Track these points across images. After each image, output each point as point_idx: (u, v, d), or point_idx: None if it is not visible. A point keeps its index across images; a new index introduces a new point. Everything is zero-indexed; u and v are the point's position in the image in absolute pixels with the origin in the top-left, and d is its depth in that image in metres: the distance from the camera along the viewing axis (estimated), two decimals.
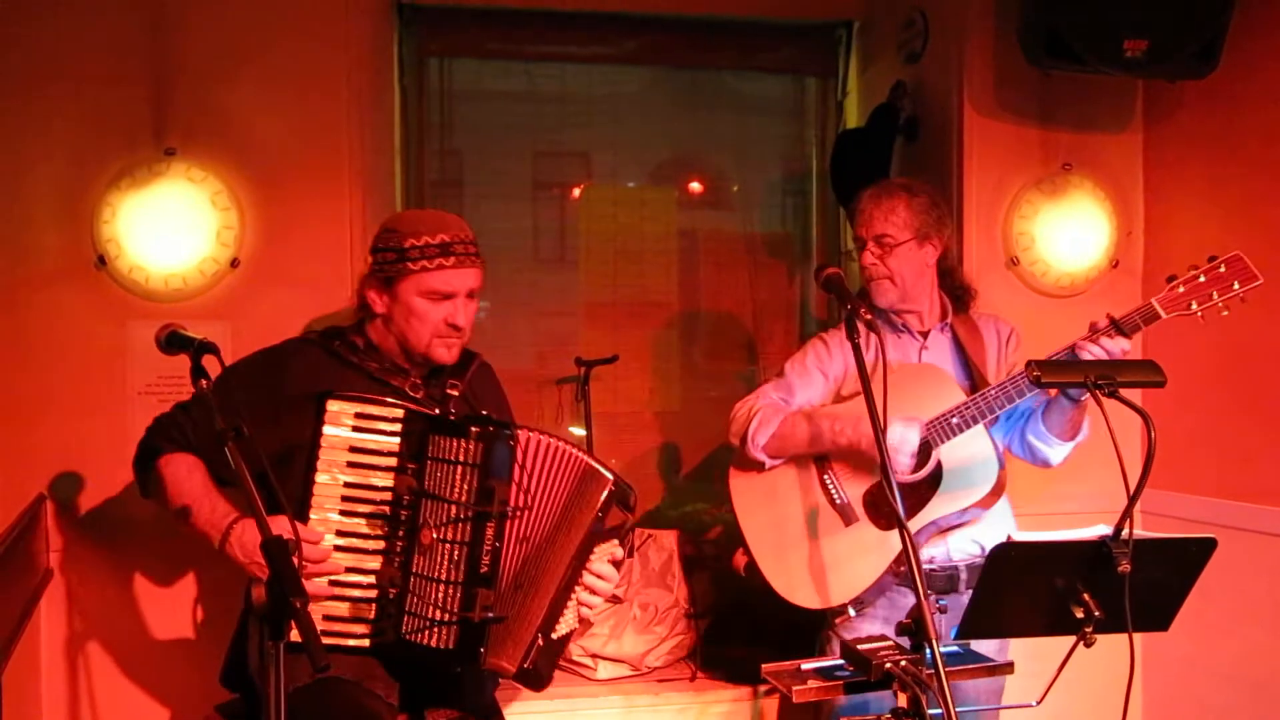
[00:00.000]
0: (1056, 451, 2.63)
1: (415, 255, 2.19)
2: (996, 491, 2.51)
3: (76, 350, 2.87)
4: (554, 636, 2.18)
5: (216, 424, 1.78)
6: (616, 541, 2.27)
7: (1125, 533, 1.86)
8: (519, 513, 2.10)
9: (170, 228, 2.87)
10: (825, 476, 2.62)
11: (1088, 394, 2.36)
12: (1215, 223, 3.11)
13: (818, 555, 2.58)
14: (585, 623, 2.26)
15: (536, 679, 2.19)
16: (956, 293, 2.74)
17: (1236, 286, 2.36)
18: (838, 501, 2.59)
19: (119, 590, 2.90)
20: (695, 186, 4.12)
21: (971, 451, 2.52)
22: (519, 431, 2.12)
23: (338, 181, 2.99)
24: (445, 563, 2.05)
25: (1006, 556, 1.89)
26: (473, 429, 2.06)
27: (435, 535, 2.05)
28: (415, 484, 2.06)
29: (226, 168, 2.92)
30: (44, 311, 2.86)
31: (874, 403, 2.05)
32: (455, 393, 2.32)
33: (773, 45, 4.00)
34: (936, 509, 2.49)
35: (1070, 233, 3.27)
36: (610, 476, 2.20)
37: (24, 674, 2.72)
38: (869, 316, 2.12)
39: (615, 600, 3.26)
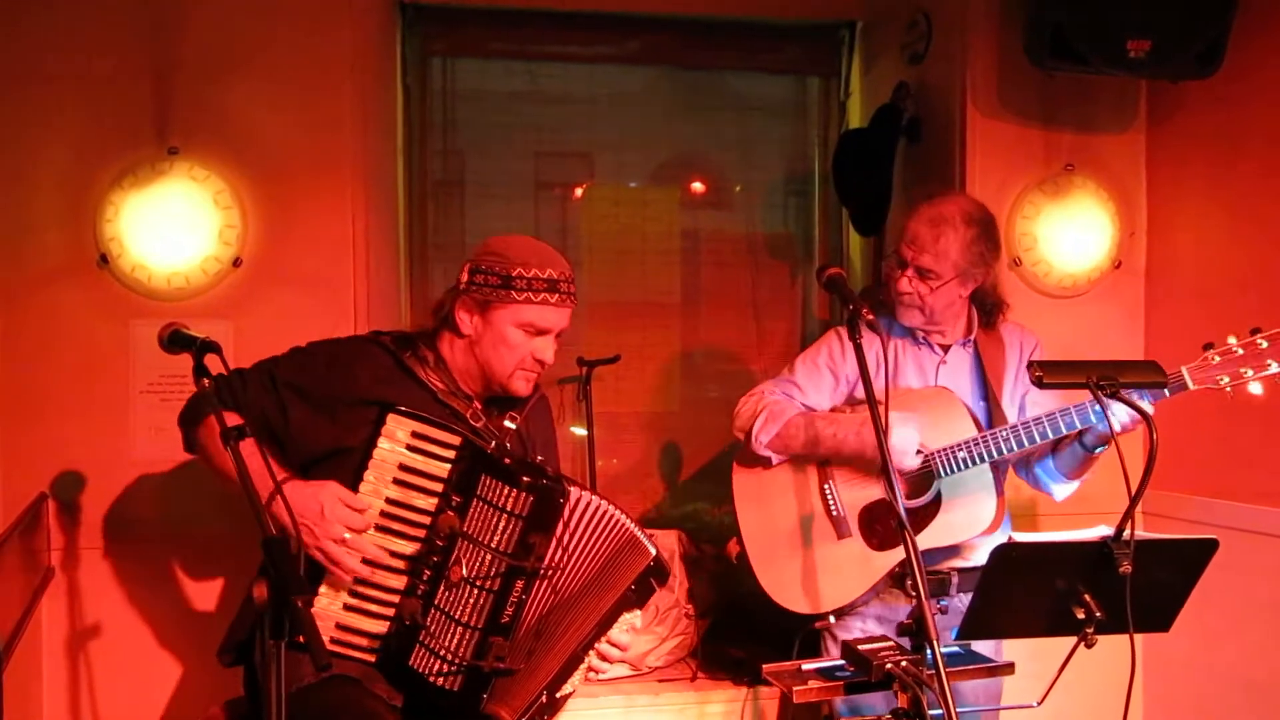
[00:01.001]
0: (1061, 489, 2.60)
1: (521, 286, 2.14)
2: (992, 529, 2.49)
3: (79, 349, 2.87)
4: (557, 695, 2.15)
5: (224, 423, 1.77)
6: (639, 611, 2.22)
7: (1126, 533, 1.86)
8: (553, 572, 2.05)
9: (173, 226, 2.87)
10: (825, 485, 2.60)
11: (1104, 449, 2.33)
12: (1218, 223, 3.11)
13: (806, 561, 2.58)
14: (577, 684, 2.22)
15: None
16: (987, 308, 2.64)
17: (1273, 365, 2.17)
18: (834, 513, 2.58)
19: (120, 589, 2.90)
20: (697, 187, 4.12)
21: (972, 489, 2.48)
22: (570, 488, 2.07)
23: (340, 180, 2.99)
24: (469, 606, 2.02)
25: (1008, 557, 1.88)
26: (525, 479, 2.00)
27: (465, 575, 2.01)
28: (457, 521, 2.02)
29: (229, 167, 2.92)
30: (46, 310, 2.86)
31: (875, 405, 2.04)
32: (513, 426, 2.26)
33: (775, 45, 4.00)
34: (929, 540, 2.46)
35: (1073, 233, 3.27)
36: (653, 552, 2.16)
37: (25, 672, 2.72)
38: (871, 317, 2.11)
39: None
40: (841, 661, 1.95)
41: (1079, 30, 2.85)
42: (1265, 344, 2.19)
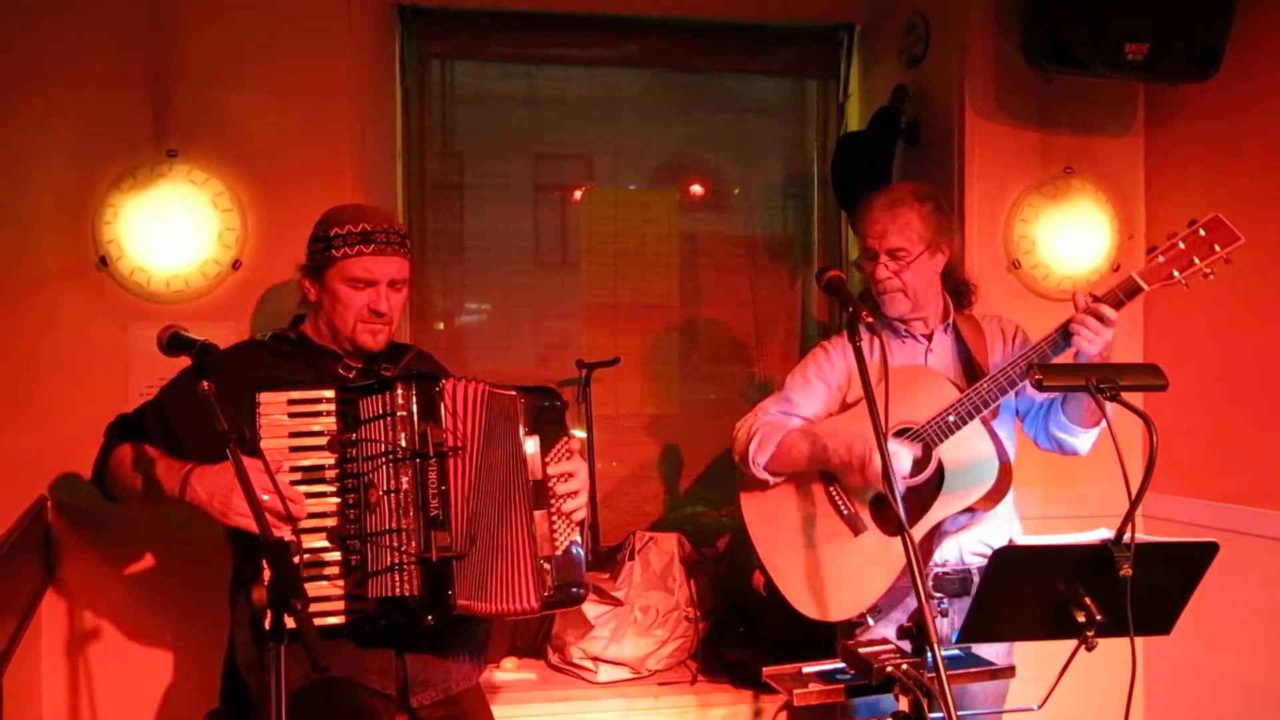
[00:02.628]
0: (1083, 440, 2.60)
1: (339, 243, 2.26)
2: (999, 489, 2.50)
3: (78, 352, 2.87)
4: (558, 554, 2.19)
5: (219, 425, 1.79)
6: (564, 439, 2.28)
7: (1127, 536, 1.86)
8: (457, 452, 2.13)
9: (172, 229, 2.88)
10: (831, 489, 2.60)
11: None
12: None
13: (831, 568, 2.56)
14: (581, 525, 2.27)
15: (568, 598, 2.21)
16: (958, 289, 2.72)
17: (1218, 249, 2.28)
18: (844, 512, 2.58)
19: (119, 591, 2.90)
20: (696, 189, 4.12)
21: (972, 450, 2.51)
22: (443, 379, 2.18)
23: (339, 183, 2.99)
24: (395, 513, 2.09)
25: (1008, 560, 1.88)
26: (399, 384, 2.13)
27: (382, 490, 2.09)
28: (352, 441, 2.12)
29: (228, 169, 2.92)
30: (45, 313, 2.86)
31: (875, 406, 2.04)
32: (388, 374, 2.33)
33: (774, 48, 4.01)
34: (941, 510, 2.48)
35: (1071, 236, 3.27)
36: (512, 392, 2.23)
37: (25, 675, 2.72)
38: (870, 319, 2.12)
39: (616, 603, 3.27)
40: (842, 664, 1.95)
41: (1076, 33, 2.86)
42: (1204, 231, 2.28)
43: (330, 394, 2.15)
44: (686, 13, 3.85)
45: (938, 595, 2.53)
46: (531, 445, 2.22)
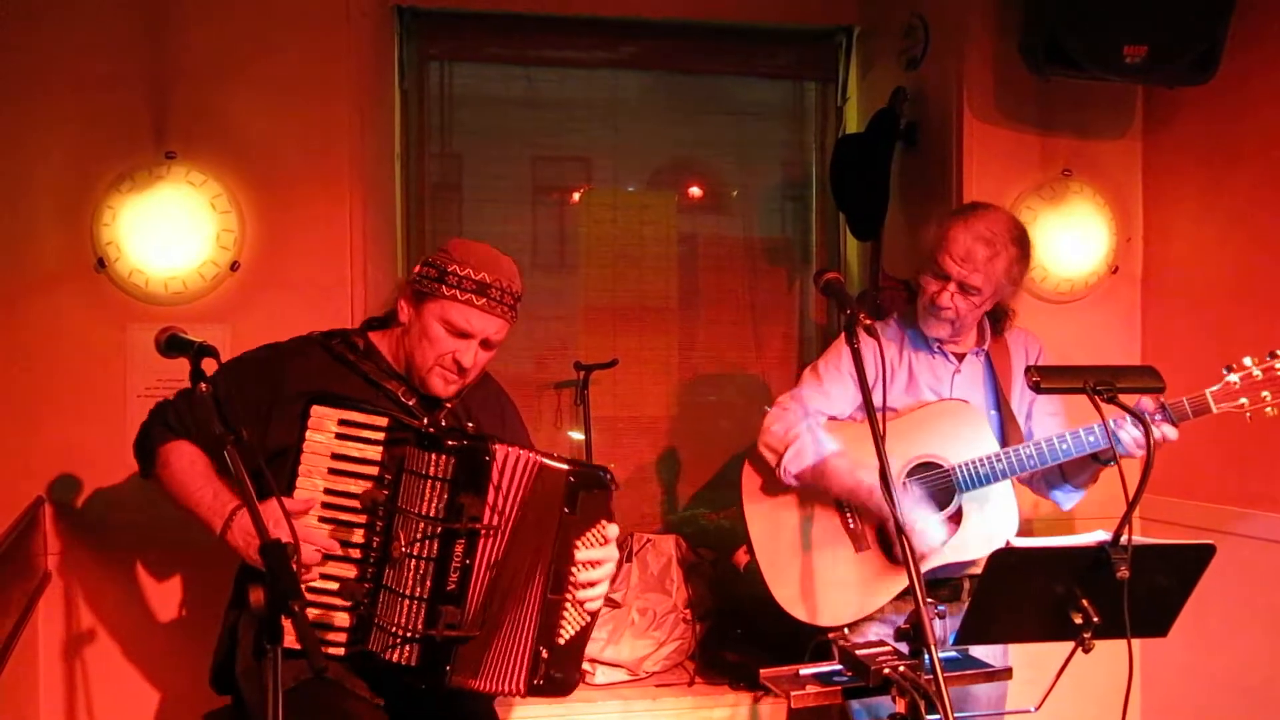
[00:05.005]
0: (1068, 498, 2.61)
1: (453, 282, 2.16)
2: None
3: (76, 353, 2.87)
4: (560, 643, 2.13)
5: (215, 427, 1.78)
6: (604, 521, 2.17)
7: (1124, 539, 1.86)
8: (492, 531, 2.04)
9: (170, 231, 2.87)
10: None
11: (1115, 463, 2.34)
12: (1214, 228, 3.11)
13: (823, 574, 2.55)
14: (594, 615, 2.19)
15: (556, 687, 2.14)
16: (997, 314, 2.65)
17: None
18: (851, 525, 2.56)
19: (117, 593, 2.90)
20: (695, 191, 4.13)
21: (994, 501, 2.48)
22: (496, 446, 2.05)
23: (338, 185, 2.99)
24: (412, 579, 2.01)
25: (1006, 562, 1.88)
26: (448, 443, 2.01)
27: (404, 550, 2.01)
28: (387, 495, 2.03)
29: (227, 171, 2.92)
30: (44, 314, 2.86)
31: (873, 412, 2.04)
32: (449, 405, 2.28)
33: (773, 50, 4.01)
34: (953, 553, 2.45)
35: (1070, 238, 3.28)
36: (564, 467, 2.10)
37: (22, 676, 2.71)
38: (869, 322, 2.11)
39: (614, 604, 3.26)
40: (839, 666, 1.95)
41: (1075, 36, 2.86)
42: None
43: (384, 423, 2.05)
44: (685, 15, 3.86)
45: (929, 600, 2.52)
46: (567, 528, 2.10)
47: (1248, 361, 2.30)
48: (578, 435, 3.79)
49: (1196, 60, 2.91)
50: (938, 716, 1.71)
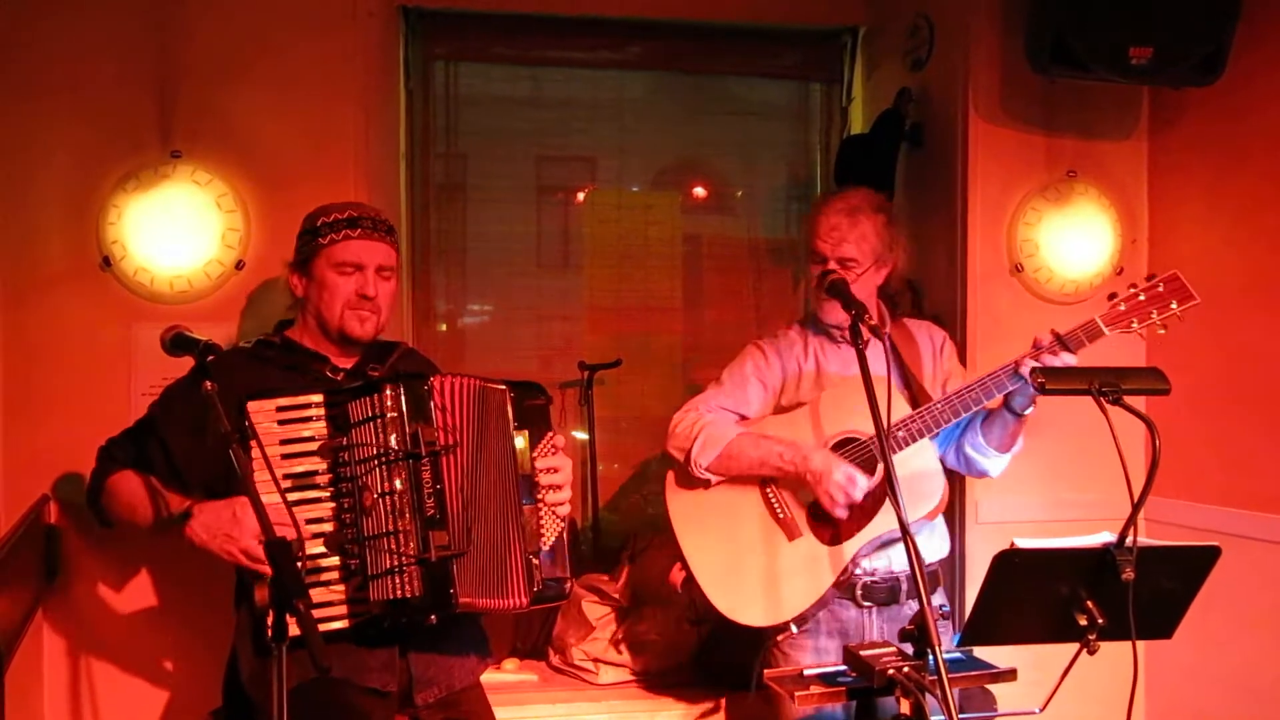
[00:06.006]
0: (995, 463, 2.62)
1: (325, 230, 2.29)
2: (942, 504, 2.51)
3: (81, 351, 2.88)
4: (546, 549, 2.20)
5: (222, 426, 1.80)
6: (550, 434, 2.28)
7: (1129, 540, 1.86)
8: (449, 450, 2.13)
9: (176, 230, 2.88)
10: (768, 490, 2.58)
11: (1032, 408, 2.41)
12: (1219, 230, 3.11)
13: (760, 571, 2.54)
14: (565, 520, 2.27)
15: (556, 592, 2.21)
16: (892, 299, 2.73)
17: (1175, 306, 2.41)
18: (780, 515, 2.56)
19: (122, 592, 2.90)
20: (699, 191, 4.13)
21: (920, 467, 2.51)
22: (432, 376, 2.18)
23: (343, 184, 2.99)
24: (392, 517, 2.10)
25: (1010, 564, 1.88)
26: (386, 385, 2.13)
27: (376, 493, 2.09)
28: (344, 445, 2.12)
29: (232, 170, 2.93)
30: (49, 312, 2.87)
31: (876, 410, 2.04)
32: (376, 375, 2.34)
33: (778, 51, 4.01)
34: (883, 523, 2.48)
35: (1074, 240, 3.27)
36: (502, 386, 2.22)
37: (26, 675, 2.72)
38: (874, 322, 2.12)
39: (614, 604, 3.27)
40: (843, 667, 1.95)
41: (1081, 37, 2.86)
42: (1163, 287, 2.43)
43: (319, 398, 2.15)
44: (690, 15, 3.85)
45: (866, 604, 2.53)
46: (520, 440, 2.22)
47: (1132, 289, 2.44)
48: (582, 435, 3.79)
49: (1202, 61, 2.90)
50: (940, 717, 1.71)
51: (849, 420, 2.51)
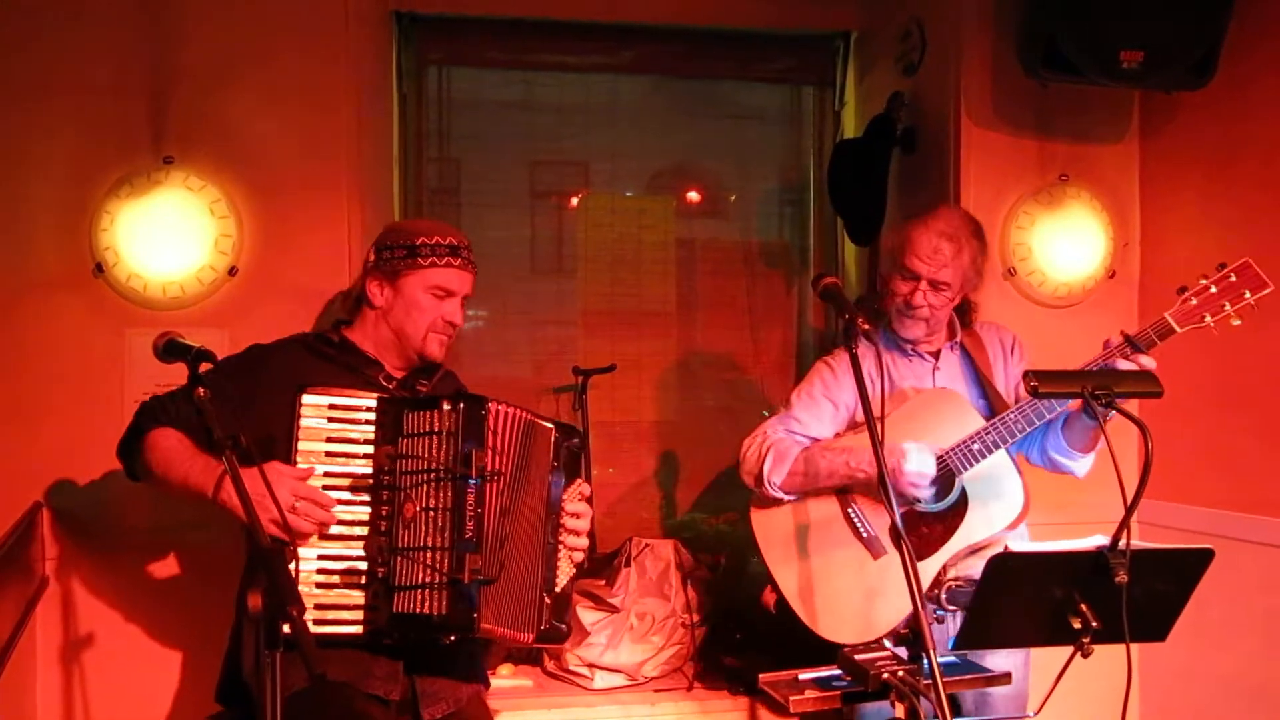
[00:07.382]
0: (1080, 464, 2.60)
1: (427, 252, 2.31)
2: (1024, 514, 2.49)
3: (74, 358, 2.87)
4: (558, 591, 2.24)
5: (215, 433, 1.79)
6: (581, 479, 2.34)
7: (1123, 543, 1.86)
8: (496, 477, 2.15)
9: (168, 236, 2.87)
10: (850, 510, 2.57)
11: (1113, 414, 2.37)
12: (1211, 233, 3.12)
13: (849, 591, 2.53)
14: (578, 567, 2.32)
15: (557, 635, 2.25)
16: (962, 307, 2.69)
17: (1248, 295, 2.31)
18: (864, 535, 2.54)
19: (114, 598, 2.89)
20: (693, 196, 4.13)
21: (998, 480, 2.49)
22: (488, 401, 2.19)
23: (336, 190, 2.99)
24: (430, 531, 2.10)
25: (1004, 567, 1.88)
26: (445, 401, 2.14)
27: (418, 506, 2.10)
28: (394, 455, 2.13)
29: (225, 176, 2.92)
30: (42, 319, 2.86)
31: (872, 418, 2.04)
32: (424, 390, 2.40)
33: (770, 55, 4.02)
34: (964, 538, 2.46)
35: (1067, 243, 3.28)
36: (550, 425, 2.27)
37: (19, 682, 2.71)
38: (867, 327, 2.12)
39: (612, 610, 3.26)
40: (839, 671, 1.95)
41: (1072, 40, 2.87)
42: (1235, 276, 2.32)
43: (373, 402, 2.17)
44: (683, 20, 3.86)
45: (950, 609, 2.51)
46: (557, 481, 2.26)
47: (1203, 281, 2.34)
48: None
49: (1194, 65, 2.92)
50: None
51: (925, 435, 2.48)
